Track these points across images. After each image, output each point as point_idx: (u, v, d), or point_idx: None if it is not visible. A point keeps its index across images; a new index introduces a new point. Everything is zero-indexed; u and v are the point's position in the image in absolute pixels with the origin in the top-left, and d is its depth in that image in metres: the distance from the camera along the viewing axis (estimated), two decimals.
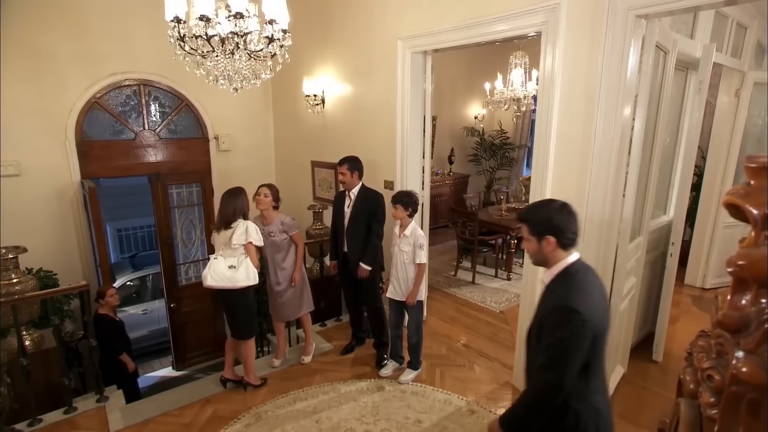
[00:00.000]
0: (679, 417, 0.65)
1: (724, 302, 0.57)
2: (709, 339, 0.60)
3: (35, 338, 3.61)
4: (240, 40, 2.38)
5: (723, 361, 0.54)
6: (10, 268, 3.48)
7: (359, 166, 3.49)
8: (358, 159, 3.51)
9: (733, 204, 0.52)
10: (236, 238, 3.01)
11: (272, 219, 3.36)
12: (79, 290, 3.36)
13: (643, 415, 2.93)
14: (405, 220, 3.16)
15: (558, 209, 1.61)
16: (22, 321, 3.32)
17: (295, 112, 5.31)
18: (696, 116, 3.31)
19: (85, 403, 3.17)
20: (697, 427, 0.58)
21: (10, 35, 4.17)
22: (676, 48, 2.98)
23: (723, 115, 4.62)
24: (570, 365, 1.44)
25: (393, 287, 3.26)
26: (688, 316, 4.36)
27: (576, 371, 1.45)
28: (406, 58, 3.70)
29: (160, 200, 5.01)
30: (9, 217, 4.24)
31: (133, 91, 5.02)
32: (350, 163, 3.44)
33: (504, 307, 4.67)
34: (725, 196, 0.55)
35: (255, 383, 3.29)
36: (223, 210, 3.07)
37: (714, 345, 0.56)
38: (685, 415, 0.61)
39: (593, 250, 2.65)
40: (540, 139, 2.85)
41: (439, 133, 7.77)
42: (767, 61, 4.74)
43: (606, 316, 1.56)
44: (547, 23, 2.69)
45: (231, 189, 3.14)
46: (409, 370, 3.40)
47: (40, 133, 4.48)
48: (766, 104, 4.60)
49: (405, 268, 3.19)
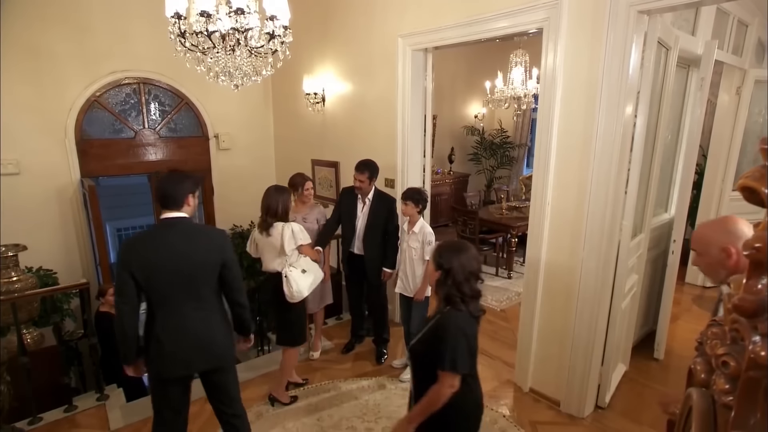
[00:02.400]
0: (691, 407, 0.64)
1: (737, 288, 0.56)
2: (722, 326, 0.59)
3: (35, 337, 3.60)
4: (241, 36, 2.36)
5: (738, 347, 0.53)
6: (10, 266, 3.48)
7: (377, 173, 3.44)
8: (377, 166, 3.44)
9: (748, 187, 0.51)
10: (287, 244, 2.90)
11: (309, 206, 3.52)
12: (79, 288, 3.35)
13: (644, 412, 2.93)
14: (414, 217, 3.16)
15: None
16: (22, 319, 3.31)
17: (295, 110, 5.30)
18: (697, 113, 3.31)
19: (86, 402, 3.15)
20: (711, 415, 0.57)
21: (10, 34, 4.16)
22: (678, 45, 2.97)
23: (724, 113, 4.61)
24: None
25: (402, 283, 3.24)
26: (689, 314, 4.35)
27: None
28: (407, 56, 3.69)
29: None
30: (9, 216, 4.23)
31: (133, 89, 5.01)
32: (370, 171, 3.39)
33: (505, 305, 4.67)
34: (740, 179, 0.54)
35: (285, 401, 3.08)
36: (271, 203, 2.92)
37: (728, 331, 0.55)
38: (698, 405, 0.60)
39: (595, 247, 2.64)
40: (541, 136, 2.84)
41: (439, 132, 7.76)
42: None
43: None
44: (549, 20, 2.68)
45: (277, 185, 3.06)
46: None
47: (39, 131, 4.47)
48: (766, 102, 4.60)
49: (413, 265, 3.17)
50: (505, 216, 5.63)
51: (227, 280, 2.15)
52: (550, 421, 2.88)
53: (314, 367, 3.56)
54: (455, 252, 1.78)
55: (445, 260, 1.77)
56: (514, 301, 4.72)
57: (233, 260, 2.16)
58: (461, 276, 1.74)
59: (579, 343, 2.81)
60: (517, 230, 5.29)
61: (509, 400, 3.09)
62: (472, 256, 1.80)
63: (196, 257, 2.05)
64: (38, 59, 4.37)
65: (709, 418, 0.57)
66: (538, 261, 2.95)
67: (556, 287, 2.91)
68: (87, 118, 4.76)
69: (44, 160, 4.51)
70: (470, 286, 1.76)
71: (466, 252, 1.79)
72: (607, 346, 2.85)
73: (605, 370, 2.89)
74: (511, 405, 3.04)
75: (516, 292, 4.92)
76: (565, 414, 2.91)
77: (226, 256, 2.12)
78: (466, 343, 1.69)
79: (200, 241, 2.09)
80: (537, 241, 2.94)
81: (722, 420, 0.55)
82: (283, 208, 2.93)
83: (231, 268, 2.15)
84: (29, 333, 3.63)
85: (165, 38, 2.40)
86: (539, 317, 3.02)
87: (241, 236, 5.54)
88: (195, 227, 2.14)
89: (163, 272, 2.02)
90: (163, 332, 2.09)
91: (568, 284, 2.82)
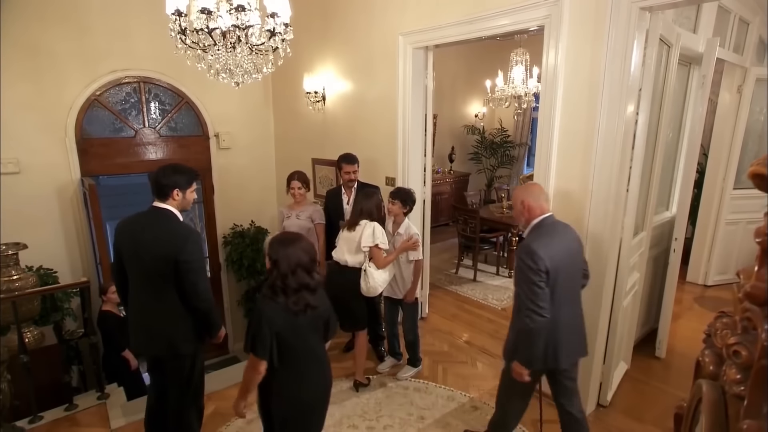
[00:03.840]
0: (701, 399, 0.63)
1: (747, 278, 0.56)
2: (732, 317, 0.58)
3: (35, 335, 3.59)
4: (241, 33, 2.36)
5: (750, 336, 0.52)
6: (10, 264, 3.47)
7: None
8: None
9: (759, 174, 0.51)
10: (364, 240, 2.96)
11: (304, 205, 3.56)
12: (79, 286, 3.35)
13: (646, 411, 2.92)
14: (399, 217, 3.14)
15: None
16: (23, 318, 3.30)
17: (295, 109, 5.29)
18: (699, 111, 3.30)
19: (86, 400, 3.15)
20: (721, 406, 0.57)
21: (10, 33, 4.15)
22: (680, 42, 2.97)
23: (725, 112, 4.61)
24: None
25: (390, 286, 3.20)
26: (690, 313, 4.35)
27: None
28: (408, 54, 3.68)
29: None
30: (9, 215, 4.21)
31: (133, 88, 5.00)
32: (358, 161, 3.53)
33: (505, 304, 4.66)
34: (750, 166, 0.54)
35: (365, 382, 3.24)
36: (364, 206, 3.02)
37: (739, 321, 0.55)
38: (708, 396, 0.60)
39: (597, 245, 2.64)
40: (543, 134, 2.84)
41: (439, 132, 7.76)
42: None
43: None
44: (550, 17, 2.68)
45: (366, 191, 3.15)
46: (408, 366, 3.39)
47: (40, 130, 4.46)
48: (767, 100, 4.59)
49: (400, 267, 3.16)
50: (505, 215, 5.63)
51: (181, 281, 2.13)
52: (552, 419, 2.87)
53: None
54: (282, 244, 1.85)
55: (273, 251, 1.84)
56: None
57: (189, 262, 2.11)
58: (286, 268, 1.80)
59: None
60: (518, 229, 5.29)
61: None
62: (301, 248, 1.86)
63: (156, 250, 2.10)
64: (38, 58, 4.35)
65: (720, 408, 0.56)
66: None
67: None
68: (87, 117, 4.74)
69: (44, 159, 4.50)
70: (296, 279, 1.81)
71: (293, 244, 1.85)
72: (609, 344, 2.84)
73: (607, 368, 2.89)
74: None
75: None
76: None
77: (181, 257, 2.09)
78: (268, 331, 1.77)
79: (162, 235, 2.12)
80: None
81: (733, 411, 0.54)
82: (378, 210, 3.05)
83: (185, 271, 2.11)
84: (30, 332, 3.62)
85: (165, 37, 2.40)
86: None
87: (241, 236, 5.54)
88: (164, 221, 2.16)
89: (132, 258, 2.15)
90: (130, 313, 2.29)
91: None
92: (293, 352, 1.85)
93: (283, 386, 1.89)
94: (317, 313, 1.89)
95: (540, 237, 2.03)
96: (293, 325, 1.84)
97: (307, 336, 1.90)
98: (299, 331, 1.86)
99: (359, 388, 3.19)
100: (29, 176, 4.42)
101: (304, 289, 1.84)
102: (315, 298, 1.88)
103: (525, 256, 1.95)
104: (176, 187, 2.15)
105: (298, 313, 1.83)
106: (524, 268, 1.94)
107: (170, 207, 2.15)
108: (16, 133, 4.28)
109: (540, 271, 1.92)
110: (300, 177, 3.56)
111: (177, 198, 2.16)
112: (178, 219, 2.20)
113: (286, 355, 1.83)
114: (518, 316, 2.03)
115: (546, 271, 1.92)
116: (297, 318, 1.84)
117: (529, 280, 1.93)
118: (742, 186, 4.69)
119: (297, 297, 1.82)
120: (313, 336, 1.94)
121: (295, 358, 1.86)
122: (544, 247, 1.96)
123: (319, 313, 1.90)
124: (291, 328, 1.83)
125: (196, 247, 2.20)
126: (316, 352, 1.97)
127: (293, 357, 1.85)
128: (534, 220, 2.10)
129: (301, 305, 1.83)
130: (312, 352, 1.94)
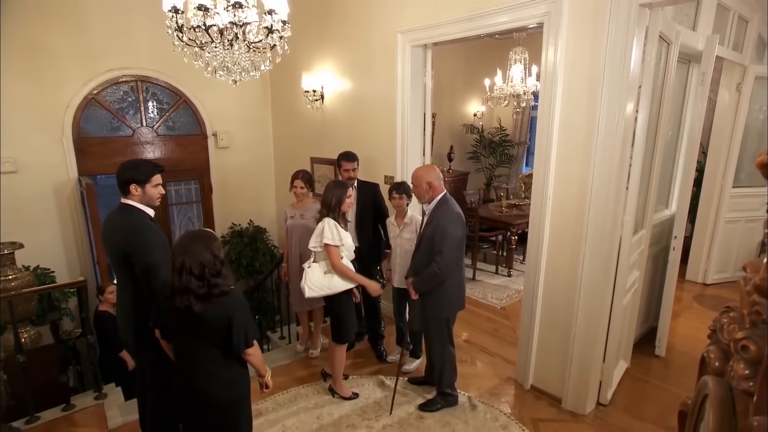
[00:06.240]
0: (706, 395, 0.62)
1: (753, 271, 0.54)
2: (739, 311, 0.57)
3: (32, 335, 3.57)
4: (239, 30, 2.34)
5: (759, 330, 0.51)
6: (7, 264, 3.44)
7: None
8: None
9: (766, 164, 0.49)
10: (313, 239, 2.87)
11: (307, 204, 3.50)
12: (76, 286, 3.32)
13: (646, 409, 2.92)
14: (403, 209, 3.16)
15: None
16: (19, 318, 3.28)
17: (294, 108, 5.28)
18: (698, 109, 3.30)
19: (84, 401, 3.13)
20: (729, 402, 0.55)
21: (9, 32, 4.13)
22: (679, 39, 2.96)
23: (724, 110, 4.60)
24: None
25: (399, 276, 3.20)
26: (689, 311, 4.34)
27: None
28: (407, 52, 3.66)
29: None
30: (6, 214, 4.20)
31: (131, 87, 4.98)
32: (358, 159, 3.49)
33: (505, 303, 4.65)
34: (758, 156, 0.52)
35: (345, 395, 3.09)
36: (324, 197, 2.87)
37: (747, 315, 0.53)
38: (714, 392, 0.58)
39: (597, 243, 2.63)
40: (542, 132, 2.82)
41: (438, 131, 7.73)
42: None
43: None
44: (550, 14, 2.66)
45: (337, 180, 3.04)
46: (411, 358, 3.41)
47: (37, 129, 4.44)
48: (766, 98, 4.58)
49: (409, 256, 3.14)
50: (504, 214, 5.62)
51: (136, 276, 2.16)
52: (552, 418, 2.87)
53: (314, 365, 3.53)
54: (181, 239, 1.85)
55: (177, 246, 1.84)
56: (515, 298, 4.70)
57: (135, 255, 2.12)
58: (178, 266, 1.76)
59: (580, 340, 2.79)
60: (517, 228, 5.28)
61: (510, 398, 3.08)
62: (198, 249, 1.77)
63: (113, 243, 2.20)
64: (36, 57, 4.34)
65: (728, 405, 0.55)
66: (538, 257, 2.94)
67: (556, 283, 2.89)
68: (84, 115, 4.73)
69: (42, 158, 4.48)
70: (179, 279, 1.75)
71: (196, 242, 1.80)
72: (609, 342, 2.83)
73: (606, 366, 2.88)
74: (512, 402, 3.02)
75: (516, 290, 4.90)
76: (567, 411, 2.90)
77: (129, 249, 2.13)
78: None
79: (119, 228, 2.19)
80: (538, 237, 2.92)
81: (741, 407, 0.53)
82: (336, 203, 2.84)
83: (135, 264, 2.12)
84: (26, 331, 3.60)
85: (163, 36, 2.38)
86: (540, 314, 3.00)
87: (239, 235, 5.52)
88: (123, 215, 2.22)
89: (106, 253, 2.35)
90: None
91: (569, 280, 2.80)
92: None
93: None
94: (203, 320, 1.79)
95: (453, 209, 2.68)
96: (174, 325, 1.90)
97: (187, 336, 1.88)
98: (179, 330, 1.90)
99: (335, 395, 3.11)
100: (26, 175, 4.40)
101: (187, 293, 1.76)
102: (203, 305, 1.77)
103: (459, 227, 2.67)
104: (133, 182, 2.19)
105: (181, 312, 1.78)
106: (455, 235, 2.63)
107: (132, 202, 2.21)
108: (14, 131, 4.27)
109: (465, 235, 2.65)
110: (304, 177, 3.49)
111: (136, 193, 2.20)
112: (136, 213, 2.22)
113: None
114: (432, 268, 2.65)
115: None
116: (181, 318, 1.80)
117: (459, 245, 2.68)
118: (741, 184, 4.69)
119: (181, 298, 1.76)
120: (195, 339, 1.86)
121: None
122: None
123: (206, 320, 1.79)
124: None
125: (147, 240, 2.17)
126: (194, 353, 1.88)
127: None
128: (437, 197, 2.70)
129: (183, 306, 1.77)
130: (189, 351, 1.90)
